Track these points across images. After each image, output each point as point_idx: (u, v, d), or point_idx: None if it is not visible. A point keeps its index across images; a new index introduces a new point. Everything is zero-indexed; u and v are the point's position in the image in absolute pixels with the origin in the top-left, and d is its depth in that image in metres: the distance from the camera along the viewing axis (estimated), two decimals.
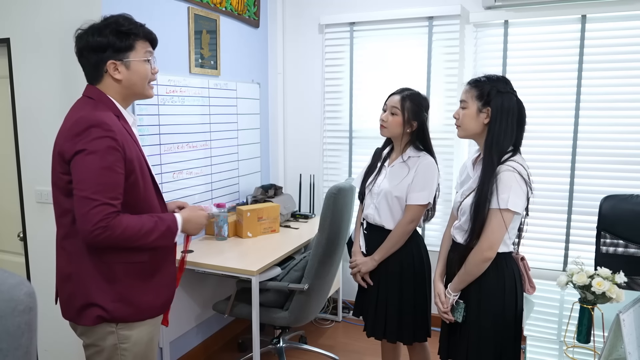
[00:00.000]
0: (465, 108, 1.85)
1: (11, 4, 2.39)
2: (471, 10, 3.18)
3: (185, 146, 2.87)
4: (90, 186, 1.42)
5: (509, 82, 1.85)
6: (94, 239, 1.43)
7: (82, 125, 1.45)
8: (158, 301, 1.65)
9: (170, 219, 1.61)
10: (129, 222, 1.48)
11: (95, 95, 1.57)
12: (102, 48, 1.53)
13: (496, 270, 1.81)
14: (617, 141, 2.95)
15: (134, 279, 1.57)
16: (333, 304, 3.73)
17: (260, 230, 3.10)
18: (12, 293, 0.94)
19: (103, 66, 1.55)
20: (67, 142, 1.46)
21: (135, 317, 1.58)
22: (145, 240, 1.52)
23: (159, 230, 1.55)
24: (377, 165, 2.34)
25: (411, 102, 2.21)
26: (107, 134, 1.44)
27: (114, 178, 1.46)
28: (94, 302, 1.52)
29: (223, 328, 3.36)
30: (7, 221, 2.66)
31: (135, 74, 1.58)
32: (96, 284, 1.52)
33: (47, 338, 2.50)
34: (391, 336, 2.29)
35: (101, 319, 1.53)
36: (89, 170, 1.43)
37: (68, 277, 1.56)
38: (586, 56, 2.96)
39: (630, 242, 2.44)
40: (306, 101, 3.76)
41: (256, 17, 3.55)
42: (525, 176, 1.74)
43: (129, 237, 1.48)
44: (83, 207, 1.42)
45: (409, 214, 2.21)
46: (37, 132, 2.43)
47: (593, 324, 1.62)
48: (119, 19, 1.57)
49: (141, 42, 1.59)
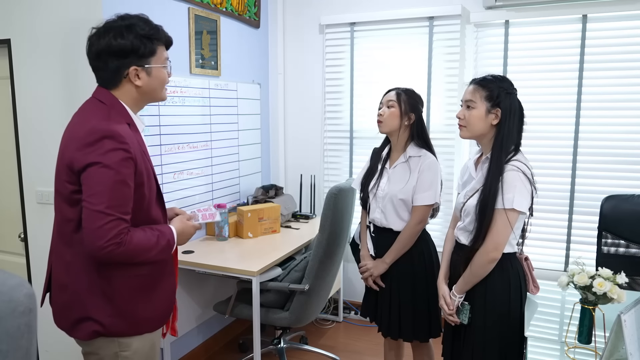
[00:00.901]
0: (472, 108, 1.82)
1: (12, 5, 2.40)
2: (472, 10, 3.18)
3: (186, 147, 2.87)
4: (104, 200, 1.37)
5: (512, 82, 1.85)
6: (107, 254, 1.38)
7: (95, 135, 1.38)
8: (157, 314, 1.60)
9: (169, 232, 1.57)
10: (139, 238, 1.45)
11: (107, 101, 1.50)
12: (124, 53, 1.45)
13: (501, 271, 1.80)
14: (618, 141, 2.94)
15: (132, 293, 1.52)
16: (334, 304, 3.72)
17: (261, 230, 3.10)
18: (12, 294, 0.94)
19: (124, 71, 1.48)
20: (79, 152, 1.39)
21: (133, 332, 1.53)
22: (148, 255, 1.49)
23: (160, 245, 1.52)
24: (377, 167, 2.33)
25: (407, 96, 2.23)
26: (121, 147, 1.39)
27: (127, 192, 1.42)
28: (90, 316, 1.47)
29: (224, 329, 3.36)
30: (8, 222, 2.66)
31: (156, 80, 1.54)
32: (94, 298, 1.47)
33: (47, 339, 2.50)
34: (407, 335, 2.28)
35: (97, 333, 1.48)
36: (103, 184, 1.37)
37: (64, 287, 1.51)
38: (587, 56, 2.96)
39: (631, 242, 2.43)
40: (307, 101, 3.76)
41: (257, 18, 3.55)
42: (529, 175, 1.74)
43: (137, 253, 1.45)
44: (96, 222, 1.36)
45: (416, 215, 2.21)
46: (37, 133, 2.44)
47: (594, 324, 1.61)
48: (139, 22, 1.50)
49: (161, 47, 1.55)
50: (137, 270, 1.52)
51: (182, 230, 1.65)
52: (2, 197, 2.68)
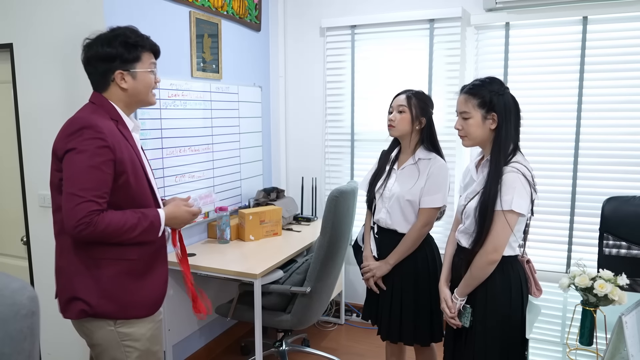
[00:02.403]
0: (468, 118, 1.81)
1: (14, 9, 2.41)
2: (472, 12, 3.18)
3: (187, 150, 2.88)
4: (77, 183, 1.49)
5: (501, 81, 1.84)
6: (78, 234, 1.49)
7: (75, 125, 1.53)
8: (147, 300, 1.67)
9: (153, 214, 1.65)
10: (112, 219, 1.54)
11: (97, 101, 1.65)
12: (110, 58, 1.61)
13: (502, 274, 1.80)
14: (619, 142, 2.94)
15: (121, 277, 1.60)
16: (336, 306, 3.72)
17: (263, 233, 3.11)
18: (15, 297, 0.95)
19: (111, 75, 1.63)
20: (61, 141, 1.55)
21: (120, 315, 1.61)
22: (129, 236, 1.57)
23: (142, 225, 1.60)
24: (385, 169, 2.33)
25: (417, 99, 2.22)
26: (97, 136, 1.52)
27: (101, 177, 1.52)
28: (78, 296, 1.57)
29: (225, 331, 3.36)
30: (11, 225, 2.67)
31: (141, 84, 1.67)
32: (82, 278, 1.57)
33: (50, 342, 2.51)
34: (407, 338, 2.27)
35: (84, 313, 1.57)
36: (77, 168, 1.50)
37: (59, 271, 1.63)
38: (588, 58, 2.96)
39: (632, 243, 2.43)
40: (308, 104, 3.76)
41: (257, 21, 3.56)
42: (529, 177, 1.73)
43: (111, 233, 1.53)
44: (69, 203, 1.49)
45: (423, 218, 2.20)
46: (39, 137, 2.45)
47: (595, 326, 1.61)
48: (126, 32, 1.65)
49: (147, 53, 1.68)
50: (126, 254, 1.61)
51: (173, 214, 1.73)
52: (4, 200, 2.69)
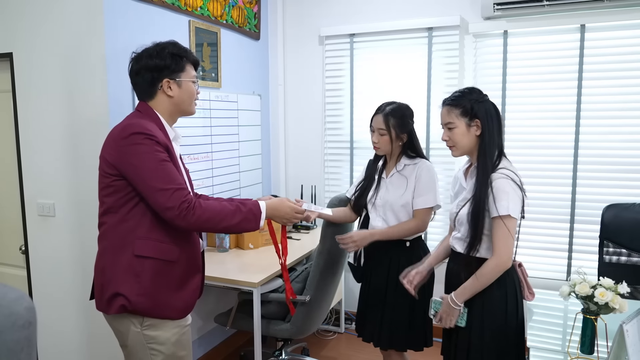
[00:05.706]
0: (453, 128, 1.87)
1: (14, 19, 2.42)
2: (470, 20, 3.20)
3: (186, 158, 2.88)
4: (158, 180, 1.57)
5: (480, 90, 1.90)
6: (183, 219, 1.58)
7: (127, 131, 1.60)
8: (179, 304, 1.72)
9: (252, 203, 1.75)
10: (209, 203, 1.65)
11: (143, 110, 1.74)
12: (159, 68, 1.70)
13: (497, 280, 1.80)
14: (619, 149, 2.94)
15: (160, 278, 1.66)
16: (335, 315, 3.71)
17: (262, 241, 3.10)
18: (12, 308, 0.94)
19: (158, 83, 1.71)
20: (113, 147, 1.61)
21: (155, 313, 1.66)
22: (230, 222, 1.67)
23: (241, 212, 1.69)
24: (374, 178, 2.36)
25: (394, 118, 2.22)
26: (150, 138, 1.59)
27: (172, 169, 1.62)
28: (120, 292, 1.62)
29: (225, 340, 3.34)
30: (9, 234, 2.67)
31: (185, 92, 1.76)
32: (124, 276, 1.62)
33: (47, 353, 2.49)
34: (400, 345, 2.27)
35: (124, 308, 1.62)
36: (148, 168, 1.57)
37: (102, 271, 1.67)
38: (586, 65, 2.97)
39: (633, 251, 2.43)
40: (307, 112, 3.77)
41: (257, 30, 3.58)
42: (517, 181, 1.78)
43: (212, 217, 1.63)
44: (161, 198, 1.57)
45: (417, 218, 2.23)
46: (39, 146, 2.45)
47: (596, 334, 1.60)
48: (170, 45, 1.75)
49: (190, 65, 1.77)
50: (168, 254, 1.67)
51: (274, 207, 1.82)
52: (3, 209, 2.69)
